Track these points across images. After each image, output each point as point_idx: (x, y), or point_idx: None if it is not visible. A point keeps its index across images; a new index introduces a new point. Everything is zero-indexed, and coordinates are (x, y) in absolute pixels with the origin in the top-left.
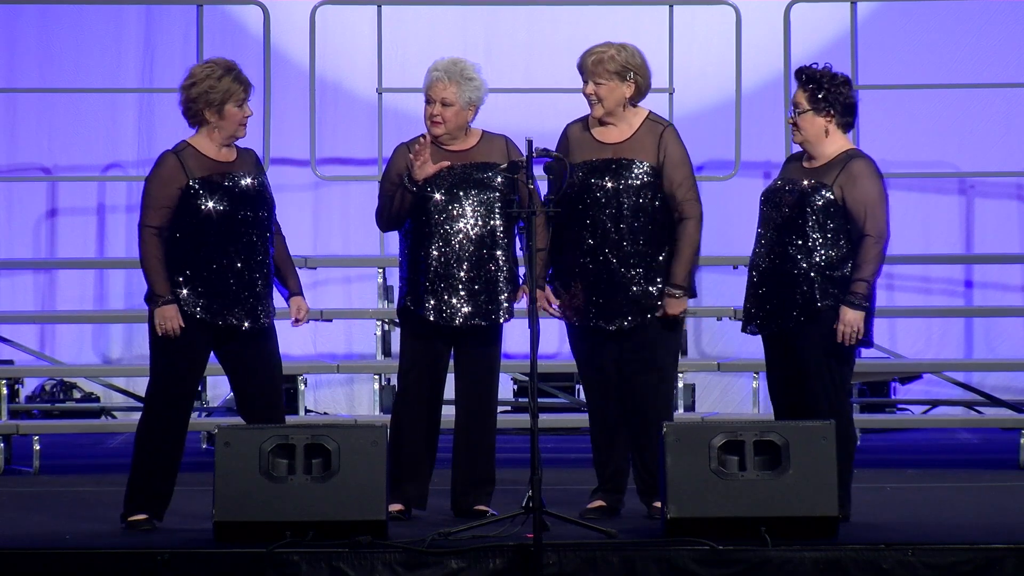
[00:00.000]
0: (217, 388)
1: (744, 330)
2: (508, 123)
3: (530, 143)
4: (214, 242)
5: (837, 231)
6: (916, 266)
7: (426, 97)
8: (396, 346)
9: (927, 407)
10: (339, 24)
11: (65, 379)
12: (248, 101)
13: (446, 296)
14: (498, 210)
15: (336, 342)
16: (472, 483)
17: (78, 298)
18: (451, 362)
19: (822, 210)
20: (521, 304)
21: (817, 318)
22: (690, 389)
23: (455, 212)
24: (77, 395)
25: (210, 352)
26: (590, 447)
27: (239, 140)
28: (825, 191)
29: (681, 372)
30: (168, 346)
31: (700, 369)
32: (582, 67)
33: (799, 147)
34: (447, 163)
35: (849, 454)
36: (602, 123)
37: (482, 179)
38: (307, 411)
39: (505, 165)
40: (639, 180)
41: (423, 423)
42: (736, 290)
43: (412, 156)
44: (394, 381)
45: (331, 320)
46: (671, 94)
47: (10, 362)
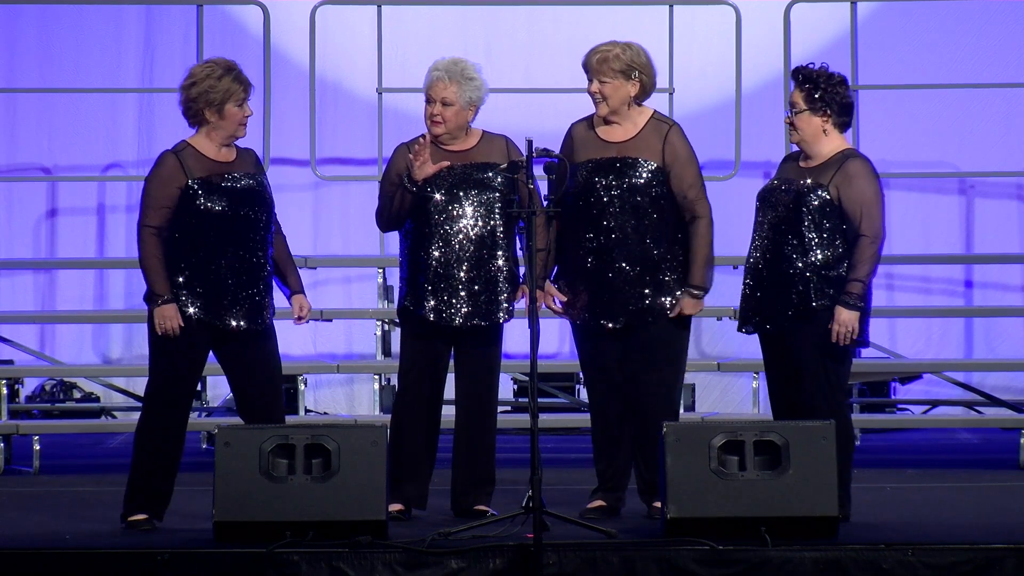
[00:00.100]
0: (217, 388)
1: (740, 329)
2: (508, 123)
3: (530, 143)
4: (213, 242)
5: (833, 231)
6: (916, 266)
7: (426, 97)
8: (396, 346)
9: (927, 407)
10: (339, 24)
11: (65, 379)
12: (248, 101)
13: (446, 296)
14: (498, 210)
15: (336, 342)
16: (472, 483)
17: (78, 298)
18: (451, 362)
19: (818, 210)
20: (521, 304)
21: (813, 318)
22: (690, 389)
23: (455, 212)
24: (77, 395)
25: (209, 352)
26: (590, 447)
27: (239, 140)
28: (821, 191)
29: None
30: (168, 346)
31: (700, 369)
32: (587, 65)
33: (796, 147)
34: (447, 163)
35: (848, 454)
36: (607, 122)
37: (482, 179)
38: (307, 411)
39: (505, 165)
40: (644, 179)
41: (423, 423)
42: (736, 290)
43: (412, 156)
44: (394, 381)
45: (331, 320)
46: (671, 94)
47: (10, 362)
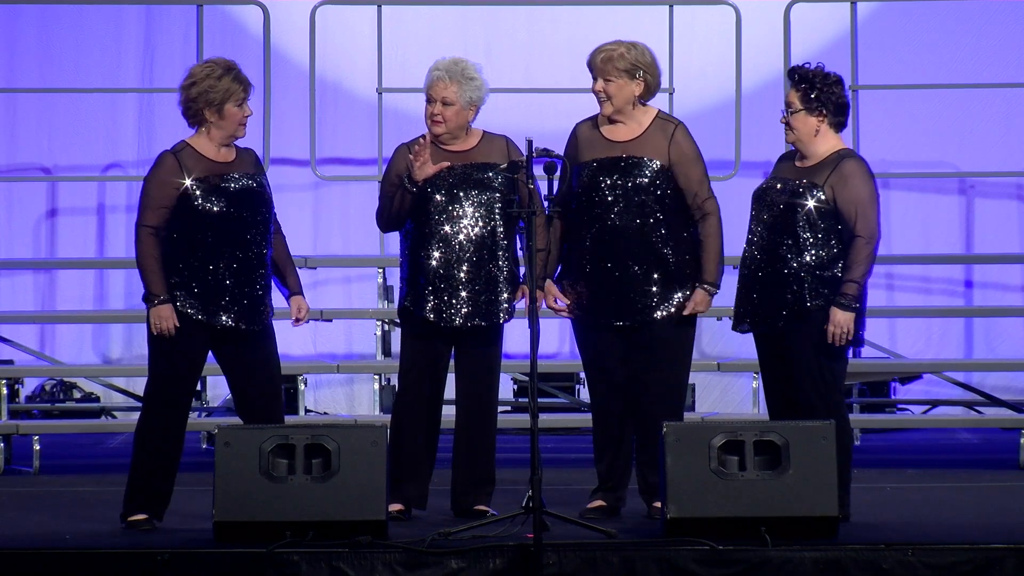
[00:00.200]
0: (217, 388)
1: (735, 328)
2: (508, 123)
3: (530, 143)
4: (211, 243)
5: (828, 231)
6: (916, 266)
7: (427, 96)
8: (396, 346)
9: (927, 407)
10: (339, 24)
11: (65, 379)
12: (248, 101)
13: (446, 296)
14: (498, 211)
15: (336, 342)
16: (472, 483)
17: (78, 298)
18: (451, 362)
19: (813, 210)
20: (521, 304)
21: (807, 318)
22: (690, 389)
23: (455, 213)
24: (77, 395)
25: (209, 352)
26: (590, 447)
27: (239, 140)
28: (816, 191)
29: None
30: (167, 346)
31: (700, 369)
32: (591, 65)
33: (792, 146)
34: (447, 164)
35: (846, 453)
36: (611, 121)
37: (482, 179)
38: (307, 411)
39: (505, 165)
40: (649, 178)
41: (423, 423)
42: (735, 290)
43: (412, 157)
44: (394, 381)
45: (331, 320)
46: (671, 94)
47: (10, 362)
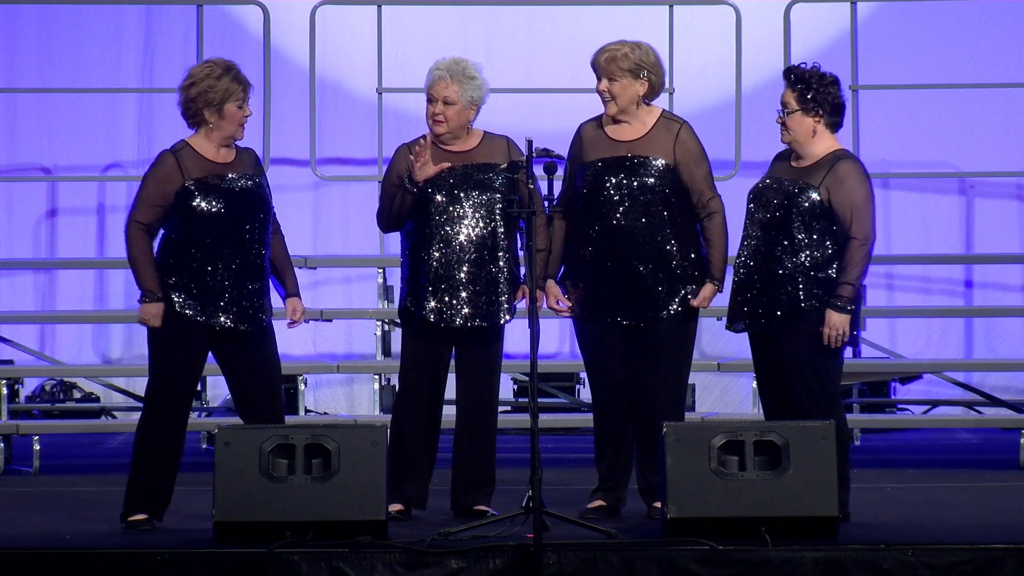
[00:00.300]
0: (217, 388)
1: (729, 327)
2: (508, 123)
3: (530, 143)
4: (210, 244)
5: (823, 232)
6: (916, 266)
7: (428, 96)
8: (396, 346)
9: (927, 407)
10: (339, 24)
11: (65, 379)
12: (248, 101)
13: (447, 297)
14: (499, 211)
15: (336, 342)
16: (472, 483)
17: (78, 298)
18: (452, 362)
19: (808, 211)
20: (522, 304)
21: (801, 318)
22: (690, 389)
23: (456, 213)
24: (77, 395)
25: (209, 352)
26: (590, 447)
27: (238, 141)
28: (812, 192)
29: None
30: (167, 346)
31: (700, 369)
32: (595, 64)
33: (788, 146)
34: (447, 164)
35: (844, 453)
36: (616, 121)
37: (483, 180)
38: (307, 411)
39: (505, 165)
40: (654, 177)
41: (423, 423)
42: None
43: (413, 157)
44: (394, 381)
45: (331, 320)
46: (671, 94)
47: (10, 362)
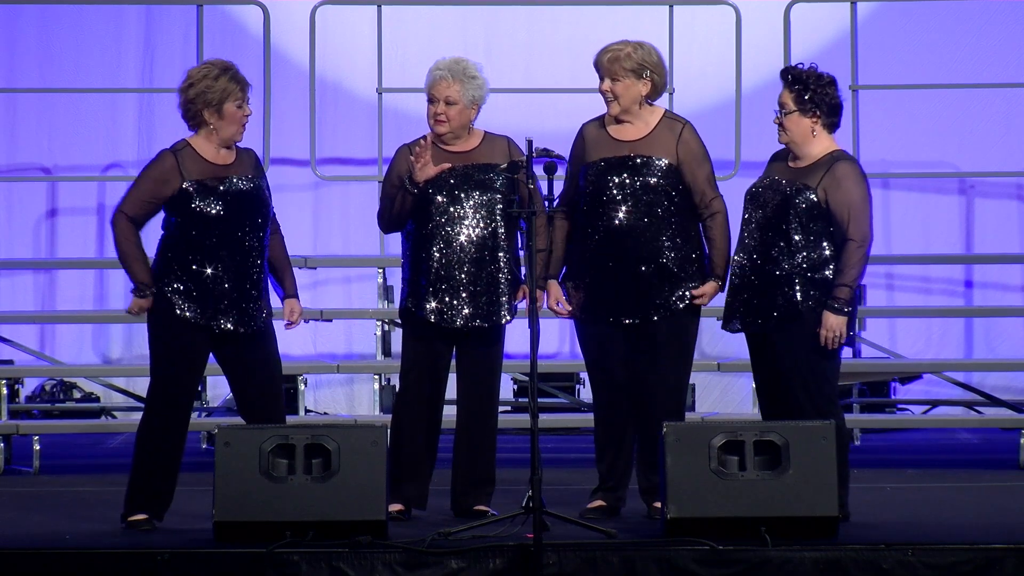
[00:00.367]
0: (217, 388)
1: (725, 327)
2: (508, 123)
3: (530, 143)
4: (209, 244)
5: (820, 233)
6: (916, 266)
7: (429, 96)
8: (396, 346)
9: (927, 407)
10: (339, 24)
11: (65, 379)
12: (247, 100)
13: (447, 298)
14: (499, 211)
15: (336, 342)
16: (472, 483)
17: (78, 298)
18: (452, 362)
19: (805, 212)
20: (522, 304)
21: (798, 319)
22: (690, 389)
23: (456, 214)
24: (77, 395)
25: (209, 353)
26: (590, 447)
27: (238, 142)
28: (809, 193)
29: None
30: (168, 347)
31: (700, 369)
32: (598, 64)
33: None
34: (448, 165)
35: (843, 453)
36: (618, 121)
37: (483, 180)
38: (307, 411)
39: (505, 165)
40: (657, 177)
41: (423, 423)
42: None
43: (413, 158)
44: (394, 381)
45: (331, 320)
46: (671, 94)
47: (10, 362)
